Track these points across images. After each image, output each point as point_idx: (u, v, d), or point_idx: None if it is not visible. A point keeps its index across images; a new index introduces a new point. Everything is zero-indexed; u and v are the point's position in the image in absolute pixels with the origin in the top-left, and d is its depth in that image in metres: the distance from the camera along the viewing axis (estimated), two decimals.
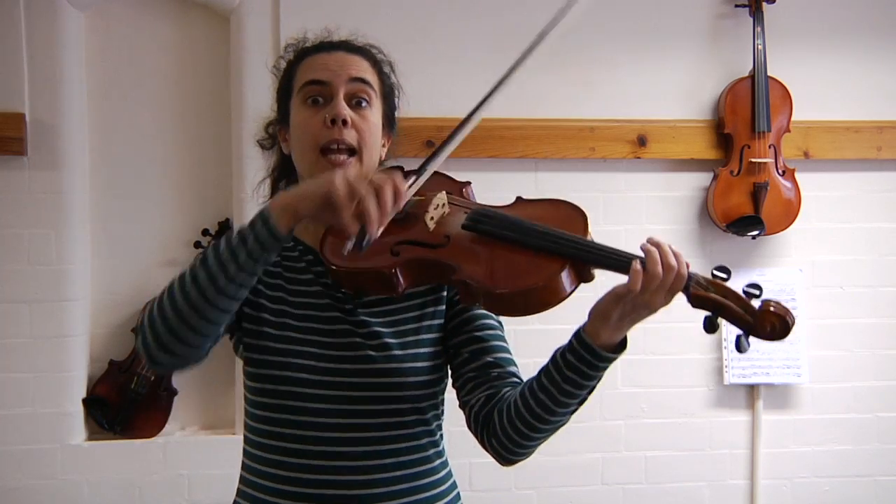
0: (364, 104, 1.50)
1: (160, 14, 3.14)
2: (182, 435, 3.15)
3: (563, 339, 1.39)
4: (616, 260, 1.31)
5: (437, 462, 1.53)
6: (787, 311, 1.28)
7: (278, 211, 1.27)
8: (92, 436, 3.10)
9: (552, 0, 3.19)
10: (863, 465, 3.41)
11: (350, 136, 1.47)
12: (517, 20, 3.18)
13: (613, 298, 1.30)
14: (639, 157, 3.22)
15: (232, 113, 3.12)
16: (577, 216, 1.41)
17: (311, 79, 1.49)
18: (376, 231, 1.23)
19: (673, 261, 1.28)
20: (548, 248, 1.34)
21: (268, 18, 3.05)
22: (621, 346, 1.36)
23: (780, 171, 3.20)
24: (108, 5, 3.11)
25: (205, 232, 3.17)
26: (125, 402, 3.07)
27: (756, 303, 1.30)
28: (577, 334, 1.36)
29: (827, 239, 3.36)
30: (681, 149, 3.23)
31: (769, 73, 3.18)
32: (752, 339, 1.30)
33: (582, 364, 1.34)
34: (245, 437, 1.55)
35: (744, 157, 3.18)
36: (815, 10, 3.30)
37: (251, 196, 1.70)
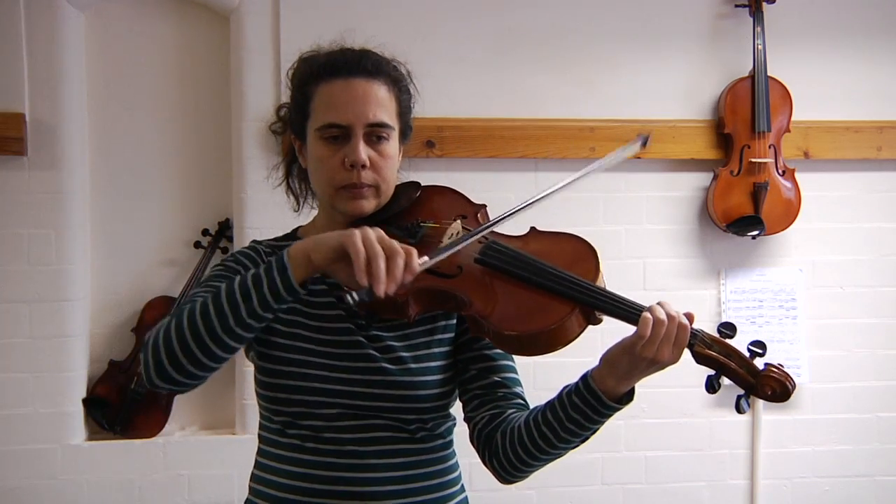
0: (383, 140, 1.50)
1: (160, 14, 3.14)
2: (182, 435, 3.15)
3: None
4: (624, 310, 1.33)
5: (450, 462, 1.55)
6: (787, 376, 1.32)
7: (295, 260, 1.29)
8: (92, 436, 3.10)
9: (551, 0, 3.20)
10: (863, 465, 3.41)
11: (368, 177, 1.48)
12: (517, 20, 3.18)
13: (623, 349, 1.33)
14: (639, 157, 3.21)
15: (232, 113, 3.12)
16: (588, 255, 1.43)
17: (331, 122, 1.47)
18: (381, 292, 1.23)
19: (674, 311, 1.32)
20: (558, 290, 1.36)
21: (268, 18, 3.05)
22: (628, 396, 1.38)
23: (780, 171, 3.20)
24: (108, 5, 3.11)
25: (205, 232, 3.17)
26: (125, 402, 3.07)
27: (759, 362, 1.33)
28: (585, 379, 1.38)
29: (827, 239, 3.36)
30: (681, 149, 3.23)
31: (769, 73, 3.18)
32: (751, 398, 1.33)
33: (587, 408, 1.36)
34: (260, 434, 1.56)
35: (744, 157, 3.18)
36: (815, 10, 3.30)
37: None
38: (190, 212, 3.19)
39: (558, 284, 1.36)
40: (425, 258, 1.31)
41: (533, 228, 1.52)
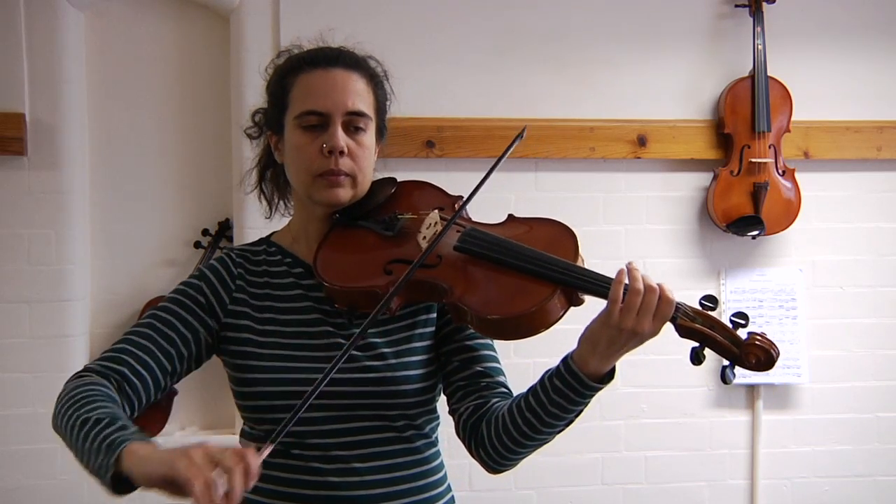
0: (360, 131, 1.51)
1: (160, 14, 3.14)
2: (182, 435, 3.15)
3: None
4: (605, 287, 1.32)
5: (435, 463, 1.54)
6: (771, 343, 1.31)
7: (129, 464, 1.21)
8: None
9: (551, 0, 3.19)
10: (863, 465, 3.41)
11: (346, 165, 1.49)
12: (517, 20, 3.18)
13: (601, 323, 1.32)
14: (639, 157, 3.22)
15: (232, 113, 3.12)
16: (567, 237, 1.43)
17: (310, 109, 1.49)
18: None
19: (652, 282, 1.31)
20: (538, 272, 1.36)
21: (268, 18, 3.05)
22: (609, 376, 1.37)
23: (780, 171, 3.20)
24: (108, 5, 3.11)
25: (205, 232, 3.17)
26: None
27: (742, 332, 1.32)
28: (566, 361, 1.37)
29: (827, 239, 3.36)
30: (681, 149, 3.23)
31: (769, 73, 3.18)
32: (737, 369, 1.32)
33: (569, 390, 1.35)
34: (241, 441, 1.56)
35: (744, 157, 3.18)
36: (815, 10, 3.30)
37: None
38: (190, 212, 3.19)
39: (538, 266, 1.36)
40: (281, 426, 1.26)
41: (510, 215, 1.53)
